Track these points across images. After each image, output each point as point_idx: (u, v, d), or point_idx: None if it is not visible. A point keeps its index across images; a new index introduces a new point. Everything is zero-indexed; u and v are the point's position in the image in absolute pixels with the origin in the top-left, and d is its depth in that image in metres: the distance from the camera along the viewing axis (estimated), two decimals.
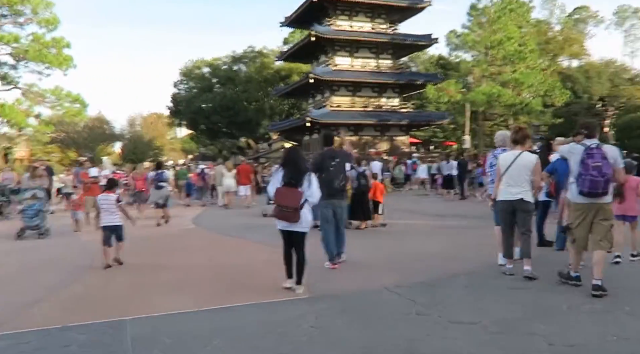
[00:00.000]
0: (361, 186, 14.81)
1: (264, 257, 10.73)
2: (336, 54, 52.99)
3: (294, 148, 8.61)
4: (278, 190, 7.57)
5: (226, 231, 15.66)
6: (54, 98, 42.22)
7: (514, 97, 43.24)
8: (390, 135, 54.17)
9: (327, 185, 9.24)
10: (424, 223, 16.45)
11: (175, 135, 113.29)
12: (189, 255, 11.81)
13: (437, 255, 10.62)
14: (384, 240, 13.03)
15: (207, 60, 76.68)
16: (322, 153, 9.90)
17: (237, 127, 71.37)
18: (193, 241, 14.17)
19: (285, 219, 7.54)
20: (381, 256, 10.76)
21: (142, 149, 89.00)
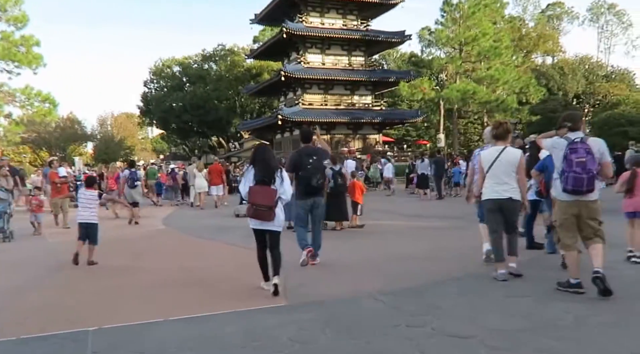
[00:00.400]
0: (338, 186, 14.13)
1: (238, 260, 10.17)
2: (308, 51, 52.36)
3: (262, 146, 8.22)
4: (251, 189, 7.37)
5: (197, 233, 15.09)
6: (24, 98, 41.34)
7: (489, 93, 42.88)
8: (363, 133, 53.71)
9: (305, 183, 9.15)
10: (403, 224, 15.81)
11: (146, 135, 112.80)
12: (159, 258, 11.18)
13: (420, 257, 9.99)
14: (362, 242, 12.43)
15: (178, 59, 76.15)
16: (299, 150, 9.66)
17: (208, 125, 70.86)
18: (163, 244, 13.55)
19: (259, 218, 7.36)
20: (361, 259, 10.14)
21: (114, 149, 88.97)
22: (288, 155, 11.30)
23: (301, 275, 8.62)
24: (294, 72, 49.03)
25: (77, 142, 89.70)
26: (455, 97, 43.17)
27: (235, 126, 69.38)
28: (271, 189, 7.33)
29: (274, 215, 7.33)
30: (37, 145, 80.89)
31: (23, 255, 12.29)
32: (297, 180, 9.22)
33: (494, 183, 7.89)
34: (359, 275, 8.60)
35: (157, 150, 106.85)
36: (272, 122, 51.25)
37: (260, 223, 7.43)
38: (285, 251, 7.71)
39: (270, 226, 7.45)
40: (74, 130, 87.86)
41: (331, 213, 13.82)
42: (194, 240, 14.03)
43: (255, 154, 7.67)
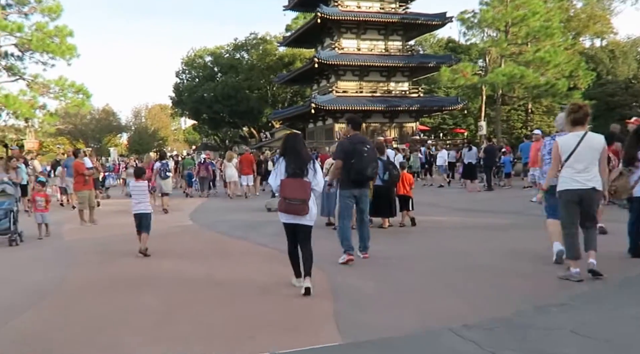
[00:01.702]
0: (392, 178, 12.32)
1: (272, 269, 8.62)
2: (342, 36, 50.07)
3: (293, 135, 7.69)
4: (284, 182, 6.96)
5: (226, 230, 13.62)
6: (58, 89, 40.41)
7: (537, 77, 40.04)
8: (399, 121, 51.36)
9: (358, 173, 8.74)
10: (456, 221, 14.01)
11: (179, 126, 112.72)
12: (182, 265, 9.40)
13: (498, 268, 8.10)
14: (418, 244, 10.67)
15: (210, 49, 74.92)
16: (350, 138, 9.06)
17: (239, 115, 69.53)
18: (188, 244, 11.93)
19: (292, 212, 6.96)
20: (424, 269, 8.29)
21: (147, 140, 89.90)
22: (338, 143, 10.13)
23: (353, 290, 7.11)
24: (327, 59, 46.85)
25: (112, 133, 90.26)
26: (501, 81, 40.37)
27: (267, 116, 67.69)
28: (305, 182, 6.94)
29: (308, 208, 6.95)
30: (74, 137, 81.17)
31: (22, 263, 10.57)
32: (348, 169, 8.68)
33: (574, 172, 7.10)
34: (427, 294, 6.81)
35: (189, 140, 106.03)
36: (305, 110, 49.37)
37: (292, 218, 7.03)
38: (327, 252, 7.70)
39: (302, 221, 7.05)
40: (109, 121, 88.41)
41: (380, 208, 12.29)
42: (222, 238, 12.51)
43: (286, 144, 7.27)
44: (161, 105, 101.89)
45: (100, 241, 12.47)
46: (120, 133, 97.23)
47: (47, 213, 13.38)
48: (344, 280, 7.49)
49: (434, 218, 14.23)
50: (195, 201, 22.81)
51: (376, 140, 17.07)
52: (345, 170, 8.71)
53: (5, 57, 38.58)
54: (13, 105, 36.00)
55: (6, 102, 35.67)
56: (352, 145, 8.84)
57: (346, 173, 8.72)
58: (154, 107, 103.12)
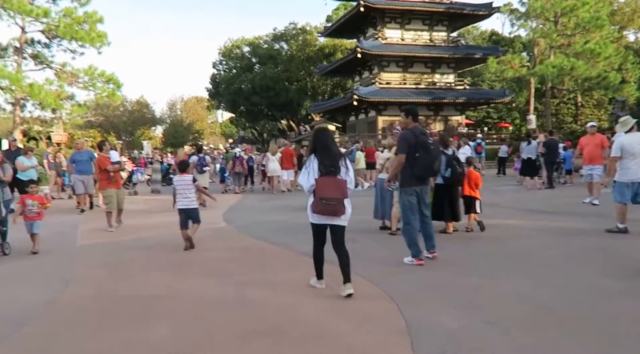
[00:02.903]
0: (456, 175, 10.92)
1: (327, 292, 6.92)
2: (386, 26, 48.65)
3: (323, 130, 7.23)
4: (319, 181, 6.54)
5: (264, 234, 12.02)
6: (87, 79, 39.36)
7: (589, 69, 38.21)
8: (444, 114, 49.77)
9: (424, 168, 8.13)
10: (528, 225, 12.29)
11: (216, 119, 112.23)
12: (209, 283, 7.72)
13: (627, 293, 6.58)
14: (497, 256, 8.97)
15: (248, 39, 73.70)
16: (412, 130, 8.30)
17: (277, 108, 68.41)
18: (218, 252, 10.16)
19: (330, 213, 6.55)
20: (519, 293, 6.74)
21: (182, 133, 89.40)
22: (400, 135, 8.73)
23: (436, 327, 5.49)
24: (370, 49, 45.52)
25: (145, 125, 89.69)
26: (551, 73, 38.59)
27: (306, 108, 66.31)
28: (342, 180, 6.61)
29: (344, 208, 6.57)
30: (105, 129, 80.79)
31: (14, 273, 9.03)
32: (410, 163, 8.04)
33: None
34: (546, 341, 5.13)
35: (226, 134, 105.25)
36: (346, 103, 48.02)
37: (326, 219, 6.63)
38: (386, 260, 7.46)
39: (337, 221, 6.67)
40: (142, 113, 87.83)
41: (442, 211, 10.94)
42: (259, 245, 10.82)
43: (316, 140, 6.84)
44: (197, 98, 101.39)
45: (113, 248, 10.93)
46: (155, 126, 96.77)
47: (40, 221, 10.64)
48: (419, 310, 6.01)
49: (501, 222, 12.65)
50: (231, 198, 21.46)
51: (432, 132, 15.71)
52: (408, 165, 8.06)
53: (31, 44, 37.49)
54: (38, 95, 34.73)
55: (30, 91, 34.41)
56: (416, 136, 8.13)
57: (409, 169, 8.07)
58: (190, 99, 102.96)
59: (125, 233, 12.77)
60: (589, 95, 49.84)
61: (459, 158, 11.62)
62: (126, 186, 23.75)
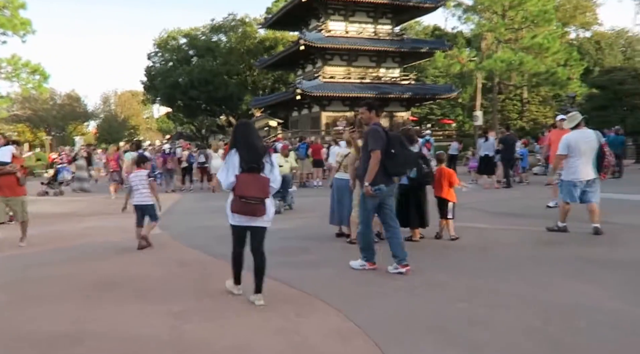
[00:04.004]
0: (423, 175, 9.56)
1: (283, 327, 5.50)
2: (329, 17, 47.09)
3: (245, 123, 6.64)
4: (240, 178, 5.99)
5: (205, 244, 10.21)
6: (11, 69, 37.16)
7: (538, 64, 37.31)
8: (389, 110, 48.15)
9: (403, 164, 7.71)
10: (499, 229, 11.05)
11: (152, 114, 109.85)
12: (134, 314, 5.99)
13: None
14: (481, 270, 7.59)
15: (184, 30, 70.84)
16: (380, 124, 7.75)
17: (216, 103, 65.98)
18: (148, 268, 8.34)
19: (249, 213, 6.05)
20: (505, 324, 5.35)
21: (117, 129, 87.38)
22: (371, 129, 7.65)
23: None
24: (314, 41, 43.87)
25: (77, 120, 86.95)
26: (500, 68, 37.58)
27: (247, 103, 64.42)
28: (264, 178, 6.10)
29: (265, 208, 6.10)
30: (34, 124, 77.64)
31: None
32: (385, 160, 7.33)
33: None
34: None
35: (163, 129, 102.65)
36: (289, 97, 46.39)
37: (247, 220, 6.14)
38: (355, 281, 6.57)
39: (258, 222, 6.19)
40: (73, 107, 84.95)
41: (409, 216, 9.65)
42: (197, 257, 9.13)
43: (238, 134, 6.32)
44: (132, 92, 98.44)
45: (22, 263, 8.93)
46: (88, 121, 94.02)
47: None
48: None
49: (471, 226, 11.19)
50: (168, 198, 18.99)
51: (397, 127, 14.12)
52: (381, 163, 7.33)
53: None
54: None
55: None
56: (385, 132, 7.59)
57: (382, 166, 7.32)
58: (124, 93, 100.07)
59: (41, 243, 10.70)
60: (535, 91, 49.38)
61: (425, 156, 10.20)
62: (51, 185, 22.83)
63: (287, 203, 15.11)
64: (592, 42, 60.57)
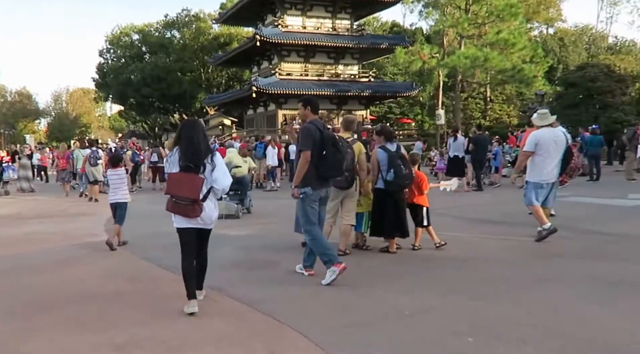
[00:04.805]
0: (402, 178, 8.32)
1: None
2: (286, 12, 45.19)
3: (191, 121, 6.38)
4: (171, 177, 5.90)
5: (158, 254, 8.92)
6: None
7: (503, 61, 35.96)
8: (348, 108, 46.23)
9: (334, 167, 6.92)
10: (483, 239, 9.90)
11: (104, 112, 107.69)
12: (69, 346, 4.98)
13: None
14: (477, 291, 6.43)
15: (137, 26, 68.97)
16: (314, 122, 7.00)
17: (170, 100, 64.39)
18: (91, 283, 7.20)
19: (181, 214, 5.77)
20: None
21: (68, 127, 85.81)
22: (302, 128, 7.03)
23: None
24: (270, 36, 41.86)
25: (28, 118, 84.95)
26: (464, 64, 36.23)
27: (201, 101, 62.74)
28: (197, 177, 5.76)
29: (200, 209, 5.72)
30: None
31: None
32: (317, 162, 6.73)
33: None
34: None
35: (116, 128, 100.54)
36: (244, 95, 44.60)
37: (187, 221, 5.80)
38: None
39: (197, 224, 5.83)
40: (24, 105, 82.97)
41: (385, 224, 8.49)
42: (148, 271, 8.01)
43: (181, 131, 6.02)
44: (84, 89, 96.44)
45: None
46: (38, 119, 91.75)
47: None
48: None
49: (451, 235, 9.78)
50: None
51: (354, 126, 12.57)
52: (312, 164, 6.80)
53: None
54: None
55: None
56: (319, 131, 6.96)
57: (313, 168, 6.80)
58: (75, 91, 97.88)
59: None
60: (499, 89, 48.17)
61: (404, 155, 8.71)
62: None
63: (245, 206, 14.09)
64: (555, 39, 59.71)
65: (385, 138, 8.66)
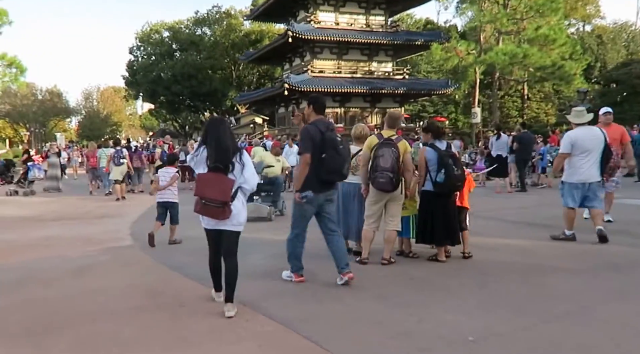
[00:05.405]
0: (453, 179, 7.59)
1: None
2: (319, 8, 44.27)
3: (217, 120, 6.13)
4: (200, 177, 5.70)
5: (186, 261, 8.16)
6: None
7: (543, 57, 34.71)
8: (382, 106, 45.50)
9: (334, 171, 6.57)
10: (537, 246, 8.93)
11: (135, 111, 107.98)
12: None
13: None
14: (549, 315, 5.53)
15: (168, 23, 68.61)
16: (315, 123, 6.67)
17: (200, 98, 63.73)
18: (109, 296, 6.53)
19: (210, 215, 5.63)
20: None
21: (99, 125, 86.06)
22: (303, 130, 6.66)
23: None
24: (303, 32, 41.05)
25: (59, 116, 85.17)
26: (502, 61, 35.05)
27: (231, 99, 62.21)
28: (227, 179, 5.58)
29: (229, 211, 5.57)
30: (13, 119, 75.50)
31: None
32: (317, 165, 6.47)
33: None
34: None
35: (146, 126, 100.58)
36: (276, 92, 43.70)
37: (215, 222, 5.68)
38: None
39: (225, 226, 5.69)
40: (54, 103, 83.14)
41: (435, 230, 7.76)
42: (174, 282, 7.16)
43: (208, 130, 5.79)
44: (115, 88, 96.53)
45: None
46: (69, 117, 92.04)
47: None
48: None
49: (497, 241, 9.33)
50: (145, 199, 17.60)
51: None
52: (312, 167, 6.51)
53: None
54: None
55: None
56: (321, 132, 6.57)
57: (312, 171, 6.50)
58: (106, 89, 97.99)
59: None
60: (537, 87, 46.86)
61: (456, 155, 7.95)
62: (21, 184, 21.39)
63: (279, 208, 13.39)
64: (593, 37, 58.13)
65: (433, 136, 7.95)
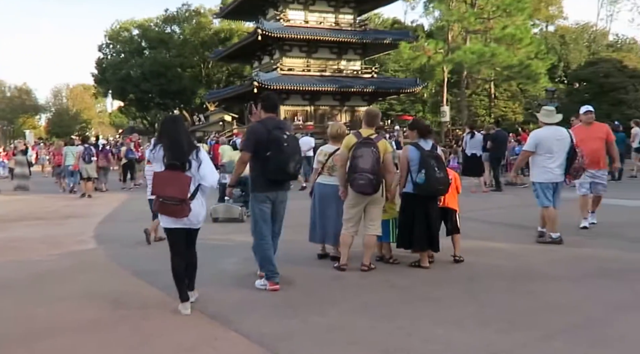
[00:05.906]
0: (434, 181, 7.20)
1: None
2: (288, 6, 44.33)
3: (172, 118, 7.07)
4: (157, 176, 5.65)
5: (155, 267, 7.41)
6: None
7: (510, 56, 35.02)
8: (351, 105, 45.93)
9: (278, 168, 6.37)
10: (526, 250, 8.59)
11: (104, 108, 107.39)
12: None
13: None
14: (547, 331, 5.07)
15: (137, 21, 68.35)
16: (263, 122, 6.56)
17: (170, 96, 63.63)
18: (68, 310, 5.99)
19: (169, 214, 5.60)
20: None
21: (68, 123, 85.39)
22: (248, 128, 6.85)
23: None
24: (272, 30, 41.05)
25: (27, 113, 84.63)
26: (470, 60, 35.24)
27: (201, 96, 62.18)
28: (184, 176, 5.58)
29: (188, 209, 5.55)
30: None
31: None
32: (262, 164, 6.35)
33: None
34: None
35: (116, 124, 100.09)
36: (245, 90, 43.49)
37: (174, 221, 5.63)
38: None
39: (186, 224, 5.68)
40: (23, 100, 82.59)
41: (415, 234, 7.37)
42: (141, 291, 6.66)
43: (163, 128, 5.91)
44: (84, 85, 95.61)
45: None
46: (38, 115, 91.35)
47: None
48: None
49: (484, 244, 9.03)
50: (112, 198, 17.41)
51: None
52: (259, 167, 6.43)
53: None
54: None
55: None
56: (267, 131, 6.45)
57: (260, 171, 6.43)
58: (75, 87, 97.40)
59: None
60: (504, 86, 47.42)
61: (439, 156, 7.57)
62: None
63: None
64: (556, 37, 58.90)
65: (419, 134, 7.52)
